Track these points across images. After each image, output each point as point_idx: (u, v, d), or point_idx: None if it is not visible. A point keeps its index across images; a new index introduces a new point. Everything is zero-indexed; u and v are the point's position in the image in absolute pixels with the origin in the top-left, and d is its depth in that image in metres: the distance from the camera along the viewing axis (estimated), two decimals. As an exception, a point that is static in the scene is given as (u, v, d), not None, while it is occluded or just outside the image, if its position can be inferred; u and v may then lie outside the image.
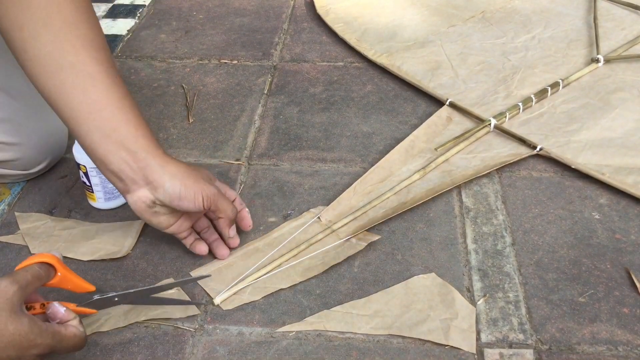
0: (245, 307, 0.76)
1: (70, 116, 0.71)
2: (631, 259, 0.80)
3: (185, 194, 0.72)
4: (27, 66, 0.70)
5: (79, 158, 0.85)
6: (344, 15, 1.33)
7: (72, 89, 0.70)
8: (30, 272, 0.62)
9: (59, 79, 0.69)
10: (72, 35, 0.69)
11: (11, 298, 0.59)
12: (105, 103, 0.71)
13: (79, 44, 0.70)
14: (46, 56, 0.69)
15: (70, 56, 0.69)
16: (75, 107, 0.70)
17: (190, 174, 0.74)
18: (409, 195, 0.89)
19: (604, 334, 0.71)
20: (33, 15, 0.68)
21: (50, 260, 0.64)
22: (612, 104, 1.04)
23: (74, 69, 0.69)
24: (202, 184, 0.74)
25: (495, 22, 1.28)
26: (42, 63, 0.69)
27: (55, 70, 0.69)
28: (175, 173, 0.72)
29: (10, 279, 0.60)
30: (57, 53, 0.69)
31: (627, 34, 1.22)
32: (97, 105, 0.70)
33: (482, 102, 1.06)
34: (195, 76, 1.18)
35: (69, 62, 0.69)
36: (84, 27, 0.70)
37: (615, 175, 0.90)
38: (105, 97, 0.71)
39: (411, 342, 0.71)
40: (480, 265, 0.80)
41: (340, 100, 1.11)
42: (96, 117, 0.70)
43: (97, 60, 0.71)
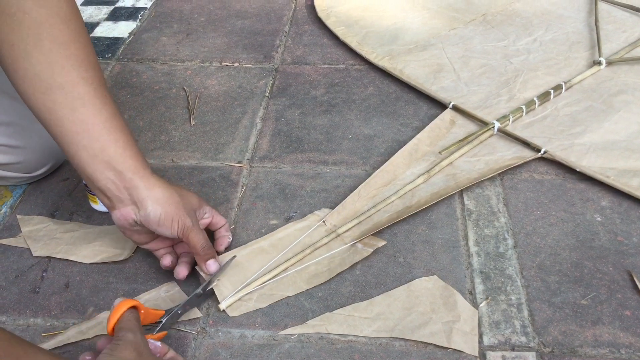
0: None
1: (60, 134, 0.72)
2: (633, 261, 0.80)
3: (163, 221, 0.73)
4: (18, 84, 0.71)
5: None
6: (345, 19, 1.33)
7: (62, 108, 0.70)
8: (135, 317, 0.65)
9: (49, 99, 0.70)
10: (62, 55, 0.70)
11: (143, 346, 0.62)
12: (93, 123, 0.71)
13: (68, 64, 0.70)
14: (36, 76, 0.69)
15: (60, 77, 0.69)
16: (64, 126, 0.71)
17: (172, 200, 0.74)
18: (414, 199, 0.89)
19: (606, 336, 0.71)
20: (24, 34, 0.68)
21: (133, 303, 0.66)
22: (615, 106, 1.04)
23: (63, 90, 0.70)
24: (182, 212, 0.74)
25: (497, 25, 1.28)
26: (33, 82, 0.70)
27: (45, 90, 0.70)
28: (158, 198, 0.73)
29: (132, 330, 0.63)
30: (47, 73, 0.69)
31: (628, 36, 1.22)
32: (86, 126, 0.71)
33: (485, 105, 1.06)
34: (196, 79, 1.18)
35: (58, 82, 0.69)
36: (75, 47, 0.71)
37: (620, 178, 0.90)
38: (93, 117, 0.71)
39: (413, 345, 0.71)
40: (483, 268, 0.80)
41: (341, 103, 1.11)
42: (84, 136, 0.71)
43: (87, 81, 0.71)
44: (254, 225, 0.87)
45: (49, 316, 0.76)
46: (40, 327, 0.74)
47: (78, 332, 0.73)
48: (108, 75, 1.21)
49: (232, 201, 0.91)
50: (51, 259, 0.83)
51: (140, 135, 1.05)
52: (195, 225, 0.76)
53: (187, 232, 0.74)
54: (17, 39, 0.68)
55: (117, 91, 1.16)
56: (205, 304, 0.77)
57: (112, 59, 1.26)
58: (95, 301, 0.77)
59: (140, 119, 1.08)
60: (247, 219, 0.88)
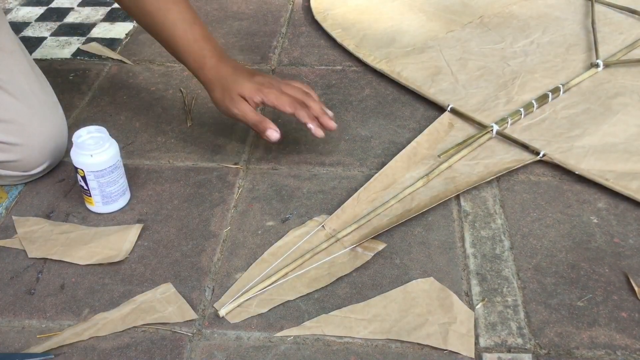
0: (243, 311, 0.75)
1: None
2: (629, 263, 0.80)
3: (220, 108, 0.93)
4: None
5: (77, 162, 0.85)
6: (341, 21, 1.33)
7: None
8: None
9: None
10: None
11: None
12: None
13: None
14: None
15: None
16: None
17: (226, 85, 0.89)
18: (413, 202, 0.89)
19: (602, 338, 0.71)
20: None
21: None
22: (613, 109, 1.04)
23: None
24: (231, 100, 0.89)
25: (494, 27, 1.29)
26: None
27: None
28: (216, 81, 0.90)
29: None
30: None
31: (625, 38, 1.23)
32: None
33: (483, 107, 1.06)
34: (193, 80, 1.18)
35: None
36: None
37: (619, 181, 0.90)
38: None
39: (410, 346, 0.71)
40: (479, 270, 0.80)
41: (338, 104, 1.11)
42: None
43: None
44: (250, 226, 0.87)
45: (44, 318, 0.75)
46: (36, 329, 0.74)
47: (73, 334, 0.73)
48: (104, 76, 1.20)
49: (228, 202, 0.91)
50: (47, 260, 0.83)
51: (136, 137, 1.04)
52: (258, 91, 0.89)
53: (245, 113, 0.90)
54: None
55: (113, 92, 1.16)
56: (200, 305, 0.76)
57: (108, 59, 1.26)
58: (90, 303, 0.77)
59: (137, 120, 1.08)
60: (243, 221, 0.88)
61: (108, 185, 0.86)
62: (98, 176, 0.85)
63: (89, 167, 0.85)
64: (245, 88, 0.89)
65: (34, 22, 1.41)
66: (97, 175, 0.85)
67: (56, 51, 1.30)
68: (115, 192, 0.88)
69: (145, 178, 0.96)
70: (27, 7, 1.47)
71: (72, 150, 0.86)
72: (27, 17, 1.43)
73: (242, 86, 0.89)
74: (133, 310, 0.75)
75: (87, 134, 0.87)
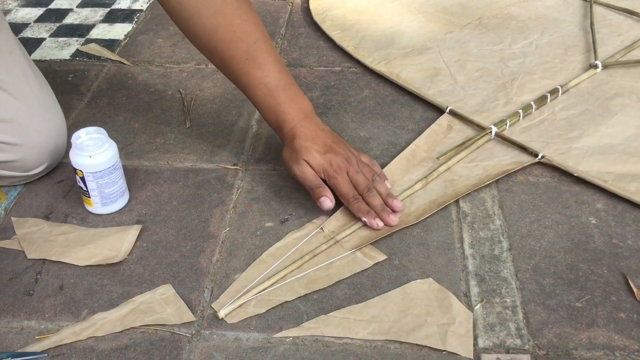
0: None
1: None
2: (628, 264, 0.80)
3: (285, 164, 0.90)
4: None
5: (76, 163, 0.85)
6: (340, 23, 1.33)
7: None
8: None
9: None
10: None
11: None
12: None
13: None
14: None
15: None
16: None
17: (297, 149, 0.87)
18: (412, 205, 0.89)
19: (601, 339, 0.71)
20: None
21: None
22: (612, 110, 1.04)
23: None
24: (297, 162, 0.87)
25: (492, 29, 1.29)
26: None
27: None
28: (290, 142, 0.89)
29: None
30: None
31: (624, 39, 1.23)
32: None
33: (482, 109, 1.06)
34: (192, 81, 1.18)
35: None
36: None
37: (618, 183, 0.90)
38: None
39: (408, 347, 0.71)
40: (478, 270, 0.80)
41: (337, 105, 1.11)
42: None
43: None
44: (249, 227, 0.87)
45: (42, 319, 0.75)
46: (34, 330, 0.74)
47: (72, 333, 0.73)
48: (103, 77, 1.21)
49: (227, 203, 0.91)
50: (45, 261, 0.83)
51: (135, 138, 1.04)
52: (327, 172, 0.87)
53: (307, 179, 0.88)
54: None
55: (112, 93, 1.16)
56: (199, 306, 0.76)
57: (107, 60, 1.26)
58: (89, 304, 0.77)
59: (136, 121, 1.08)
60: (242, 222, 0.88)
61: (107, 186, 0.86)
62: (97, 177, 0.85)
63: (88, 168, 0.85)
64: (313, 160, 0.87)
65: (33, 23, 1.41)
66: (96, 176, 0.85)
67: (55, 52, 1.30)
68: (114, 193, 0.88)
69: (144, 179, 0.96)
70: (26, 8, 1.47)
71: (70, 151, 0.86)
72: (26, 18, 1.43)
73: (311, 157, 0.87)
74: (132, 311, 0.75)
75: (86, 135, 0.87)
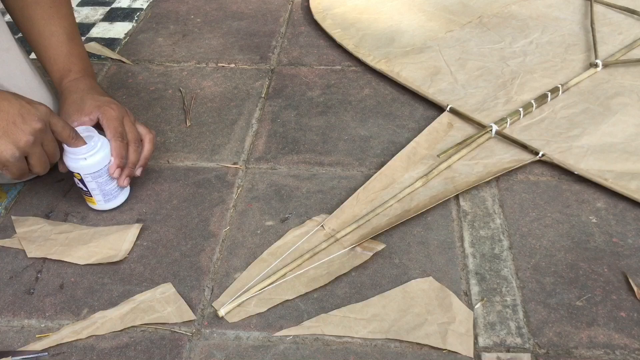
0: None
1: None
2: (628, 263, 0.80)
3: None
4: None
5: (72, 167, 0.84)
6: (341, 21, 1.33)
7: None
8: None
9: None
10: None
11: None
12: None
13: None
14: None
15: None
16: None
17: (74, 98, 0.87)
18: (412, 202, 0.89)
19: (601, 337, 0.71)
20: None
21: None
22: (612, 108, 1.04)
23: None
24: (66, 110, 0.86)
25: (493, 27, 1.29)
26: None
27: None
28: (68, 94, 0.88)
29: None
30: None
31: (624, 38, 1.23)
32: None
33: (482, 107, 1.06)
34: (192, 80, 1.18)
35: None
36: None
37: (618, 181, 0.90)
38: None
39: (409, 346, 0.71)
40: (478, 269, 0.80)
41: (337, 104, 1.11)
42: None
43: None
44: (249, 226, 0.87)
45: (43, 317, 0.75)
46: (35, 329, 0.74)
47: (72, 332, 0.73)
48: (104, 75, 1.20)
49: (227, 202, 0.91)
50: (46, 260, 0.83)
51: (135, 136, 1.04)
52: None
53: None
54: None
55: (113, 92, 1.16)
56: (200, 305, 0.76)
57: (107, 59, 1.26)
58: (89, 302, 0.77)
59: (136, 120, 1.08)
60: (242, 220, 0.88)
61: (107, 184, 0.86)
62: (95, 177, 0.85)
63: (85, 169, 0.84)
64: (87, 105, 0.86)
65: (33, 22, 1.41)
66: (95, 176, 0.85)
67: (55, 51, 1.29)
68: (114, 189, 0.88)
69: (145, 178, 0.96)
70: (26, 6, 1.47)
71: (64, 156, 0.84)
72: (26, 16, 1.43)
73: (88, 100, 0.87)
74: (132, 309, 0.75)
75: None
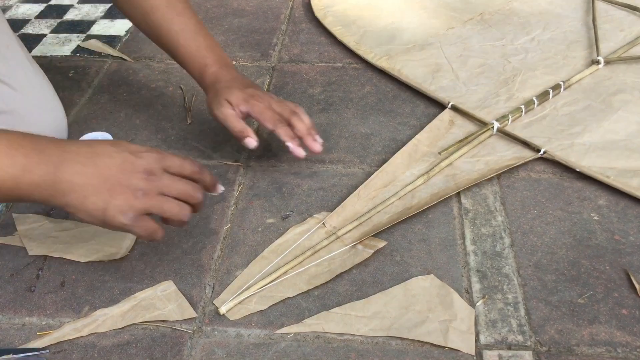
0: (243, 308, 0.75)
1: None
2: (630, 260, 0.80)
3: (210, 111, 0.91)
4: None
5: None
6: (342, 18, 1.33)
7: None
8: None
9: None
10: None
11: None
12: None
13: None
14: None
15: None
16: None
17: (219, 90, 0.88)
18: (414, 200, 0.89)
19: (603, 335, 0.71)
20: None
21: None
22: (614, 106, 1.04)
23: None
24: (218, 103, 0.88)
25: (494, 24, 1.28)
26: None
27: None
28: (212, 86, 0.90)
29: None
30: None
31: (626, 35, 1.22)
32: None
33: (483, 104, 1.06)
34: (193, 77, 1.18)
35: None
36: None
37: (620, 178, 0.90)
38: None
39: (410, 343, 0.71)
40: (479, 267, 0.80)
41: (338, 101, 1.10)
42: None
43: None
44: (250, 224, 0.87)
45: (44, 315, 0.75)
46: (36, 326, 0.74)
47: (73, 330, 0.73)
48: (104, 73, 1.20)
49: (228, 200, 0.91)
50: (47, 257, 0.83)
51: (136, 134, 1.04)
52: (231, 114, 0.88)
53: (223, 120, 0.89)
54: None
55: (113, 89, 1.16)
56: (201, 302, 0.76)
57: (108, 57, 1.26)
58: (91, 300, 0.77)
59: (137, 118, 1.08)
60: (243, 218, 0.88)
61: None
62: None
63: None
64: (233, 95, 0.88)
65: (34, 19, 1.41)
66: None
67: (56, 48, 1.30)
68: None
69: (146, 175, 0.96)
70: (27, 4, 1.47)
71: None
72: (26, 14, 1.43)
73: (231, 93, 0.88)
74: (133, 307, 0.75)
75: (93, 139, 0.85)
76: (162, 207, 0.67)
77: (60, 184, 0.63)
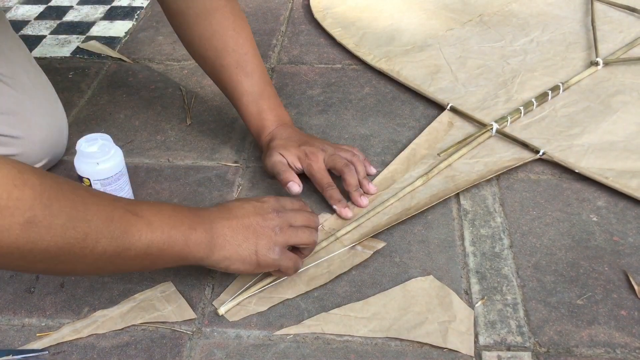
0: (242, 309, 0.75)
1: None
2: (629, 261, 0.80)
3: (263, 165, 0.93)
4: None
5: (82, 171, 0.83)
6: (341, 20, 1.33)
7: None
8: None
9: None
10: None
11: None
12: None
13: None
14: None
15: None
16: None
17: (273, 146, 0.90)
18: (413, 201, 0.89)
19: (602, 336, 0.71)
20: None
21: None
22: (613, 107, 1.04)
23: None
24: (271, 157, 0.89)
25: (493, 26, 1.28)
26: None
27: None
28: (267, 144, 0.92)
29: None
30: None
31: (625, 36, 1.22)
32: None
33: (482, 106, 1.06)
34: (192, 78, 1.18)
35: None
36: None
37: (619, 179, 0.90)
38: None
39: (409, 344, 0.71)
40: (478, 268, 0.80)
41: (338, 103, 1.11)
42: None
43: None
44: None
45: (43, 316, 0.76)
46: (35, 327, 0.74)
47: (73, 331, 0.73)
48: (104, 74, 1.20)
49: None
50: (46, 258, 0.83)
51: (136, 135, 1.04)
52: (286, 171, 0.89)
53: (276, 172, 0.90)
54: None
55: (113, 90, 1.16)
56: (200, 304, 0.76)
57: (108, 58, 1.26)
58: (90, 301, 0.77)
59: (136, 119, 1.08)
60: (243, 219, 0.88)
61: (115, 193, 0.85)
62: (105, 184, 0.83)
63: (95, 175, 0.82)
64: (288, 153, 0.89)
65: (34, 21, 1.41)
66: (104, 183, 0.83)
67: (55, 49, 1.30)
68: None
69: (145, 177, 0.96)
70: (27, 5, 1.47)
71: (76, 158, 0.83)
72: (26, 15, 1.43)
73: (286, 150, 0.89)
74: (132, 308, 0.75)
75: (91, 141, 0.83)
76: (298, 236, 0.74)
77: (217, 238, 0.69)
